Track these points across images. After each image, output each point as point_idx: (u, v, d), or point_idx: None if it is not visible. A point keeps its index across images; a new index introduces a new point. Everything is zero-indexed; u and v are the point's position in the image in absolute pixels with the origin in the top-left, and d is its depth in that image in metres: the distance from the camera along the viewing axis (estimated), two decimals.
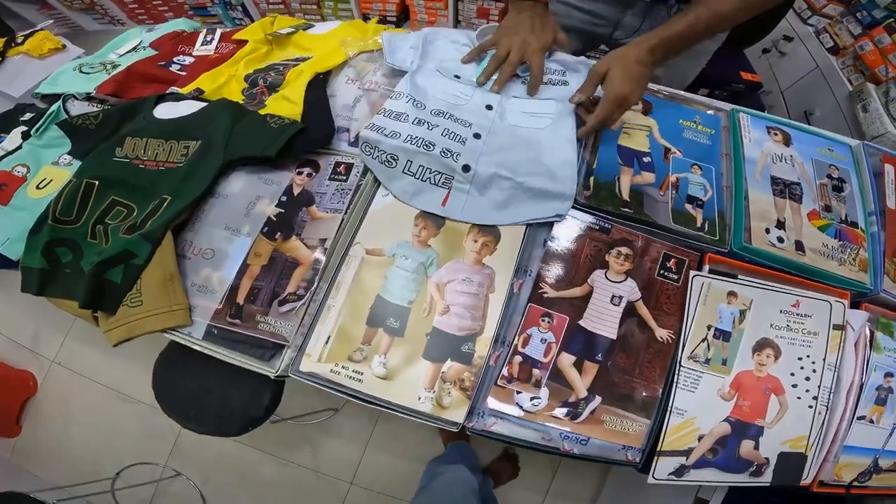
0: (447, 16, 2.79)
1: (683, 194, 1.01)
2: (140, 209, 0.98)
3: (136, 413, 2.14)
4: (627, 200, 0.99)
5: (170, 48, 1.35)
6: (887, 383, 0.91)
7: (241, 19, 3.20)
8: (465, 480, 1.27)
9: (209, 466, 2.10)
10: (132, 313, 0.89)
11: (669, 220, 0.97)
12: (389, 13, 2.89)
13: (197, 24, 1.48)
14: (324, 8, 3.01)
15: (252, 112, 1.08)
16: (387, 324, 0.89)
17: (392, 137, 1.00)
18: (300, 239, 0.96)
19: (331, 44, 1.25)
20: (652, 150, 1.07)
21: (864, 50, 1.81)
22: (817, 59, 2.03)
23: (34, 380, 2.24)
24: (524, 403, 0.86)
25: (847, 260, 0.96)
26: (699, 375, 0.88)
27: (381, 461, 2.05)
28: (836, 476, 0.89)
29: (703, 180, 1.04)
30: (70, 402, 2.22)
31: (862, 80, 1.75)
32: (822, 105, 1.90)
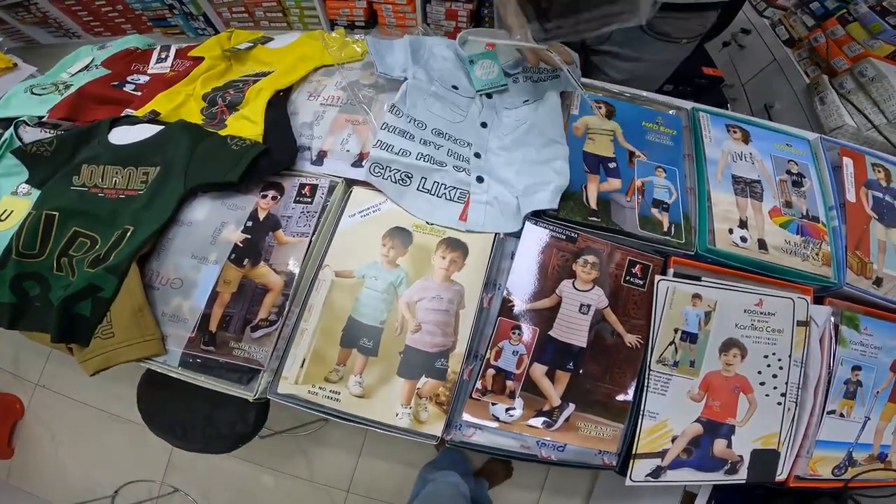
0: (416, 19, 2.77)
1: (649, 199, 1.02)
2: (103, 240, 0.96)
3: (126, 431, 2.14)
4: (595, 209, 0.99)
5: (122, 67, 1.31)
6: (855, 377, 0.94)
7: (203, 30, 3.13)
8: (454, 486, 1.29)
9: (205, 481, 2.11)
10: (106, 345, 0.88)
11: (637, 226, 0.98)
12: (357, 18, 2.86)
13: (150, 40, 1.44)
14: (290, 16, 2.97)
15: (212, 134, 1.06)
16: (360, 344, 0.90)
17: (403, 156, 1.00)
18: (268, 265, 0.95)
19: (291, 57, 1.23)
20: (617, 155, 1.07)
21: (819, 42, 1.82)
22: (774, 52, 2.05)
23: (20, 402, 2.25)
24: (500, 414, 0.88)
25: (810, 255, 0.98)
26: (668, 378, 0.90)
27: (375, 467, 2.08)
28: (811, 470, 0.91)
29: (668, 183, 1.04)
30: (59, 424, 2.23)
31: (818, 72, 1.77)
32: (781, 98, 1.92)
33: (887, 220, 1.05)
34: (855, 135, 1.46)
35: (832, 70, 1.72)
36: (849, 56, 1.66)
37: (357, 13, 2.83)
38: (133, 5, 2.97)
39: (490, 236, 0.96)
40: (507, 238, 0.98)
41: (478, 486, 1.75)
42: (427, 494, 1.26)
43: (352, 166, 1.04)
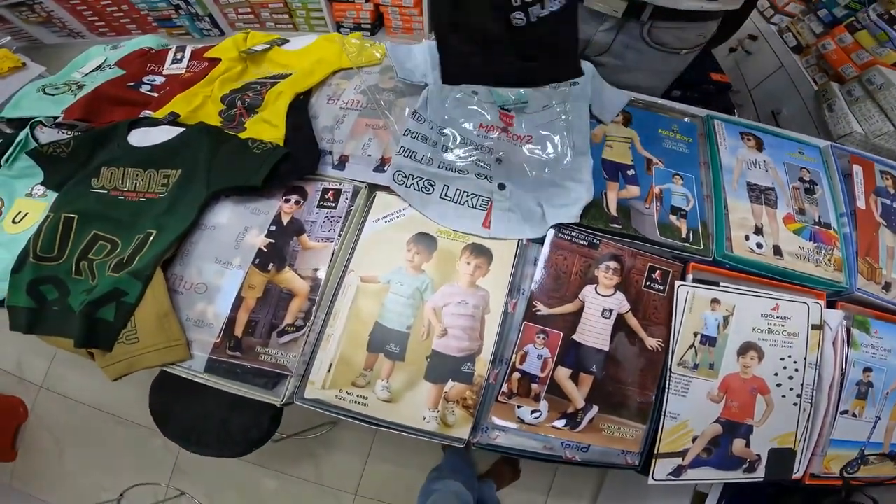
0: (422, 22, 2.77)
1: (667, 205, 1.04)
2: (124, 244, 0.97)
3: (130, 434, 2.12)
4: (616, 216, 1.01)
5: (137, 67, 1.30)
6: (866, 378, 0.97)
7: (209, 30, 3.10)
8: (456, 495, 1.30)
9: (211, 485, 2.10)
10: (130, 350, 0.89)
11: (656, 233, 1.00)
12: (364, 21, 2.85)
13: (164, 40, 1.43)
14: (296, 17, 2.96)
15: (233, 137, 1.06)
16: (387, 349, 0.91)
17: (427, 164, 1.02)
18: (294, 269, 0.96)
19: (309, 60, 1.23)
20: (635, 163, 1.09)
21: (827, 49, 1.84)
22: (782, 59, 2.08)
23: (24, 405, 2.22)
24: (525, 417, 0.90)
25: (822, 261, 1.01)
26: (689, 380, 0.92)
27: (383, 471, 2.08)
28: (825, 468, 0.94)
29: (685, 190, 1.06)
30: (63, 426, 2.20)
31: (826, 80, 1.80)
32: (788, 104, 1.94)
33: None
34: (863, 142, 1.49)
35: (840, 77, 1.74)
36: (857, 64, 1.69)
37: (364, 16, 2.83)
38: (139, 5, 2.95)
39: (514, 242, 0.98)
40: (531, 244, 1.00)
41: (486, 487, 1.77)
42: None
43: (374, 171, 1.04)
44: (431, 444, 1.96)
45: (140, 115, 1.14)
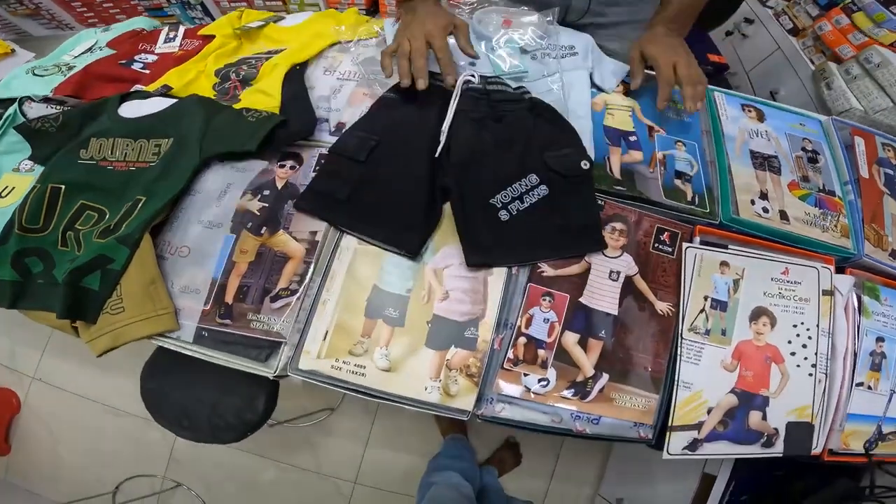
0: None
1: (671, 170, 1.03)
2: (112, 212, 0.93)
3: (125, 425, 2.08)
4: (619, 179, 1.00)
5: (129, 47, 1.28)
6: (879, 348, 0.94)
7: (201, 19, 3.06)
8: (455, 488, 1.26)
9: (208, 475, 2.06)
10: (115, 321, 0.83)
11: (661, 195, 0.99)
12: (359, 5, 2.84)
13: (156, 22, 1.41)
14: (289, 4, 2.93)
15: (227, 107, 1.04)
16: (386, 314, 0.87)
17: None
18: (288, 232, 0.93)
19: (304, 35, 1.22)
20: (637, 130, 1.08)
21: (824, 31, 1.88)
22: (779, 41, 2.11)
23: (17, 397, 2.17)
24: (532, 386, 0.86)
25: (829, 227, 1.00)
26: (701, 347, 0.89)
27: (382, 457, 2.04)
28: (843, 444, 0.90)
29: (688, 156, 1.06)
30: (57, 418, 2.15)
31: (823, 60, 1.83)
32: (786, 84, 1.97)
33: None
34: (862, 118, 1.51)
35: (837, 57, 1.77)
36: (854, 44, 1.72)
37: (358, 1, 2.82)
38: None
39: None
40: None
41: (488, 474, 1.72)
42: (429, 501, 1.23)
43: None
44: (430, 431, 1.98)
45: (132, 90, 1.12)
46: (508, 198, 0.92)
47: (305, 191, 0.95)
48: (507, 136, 0.99)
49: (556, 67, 1.10)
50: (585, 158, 0.95)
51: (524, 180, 0.93)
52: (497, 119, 1.00)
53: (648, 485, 1.50)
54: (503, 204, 0.92)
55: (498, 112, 1.00)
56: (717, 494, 1.12)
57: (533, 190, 0.93)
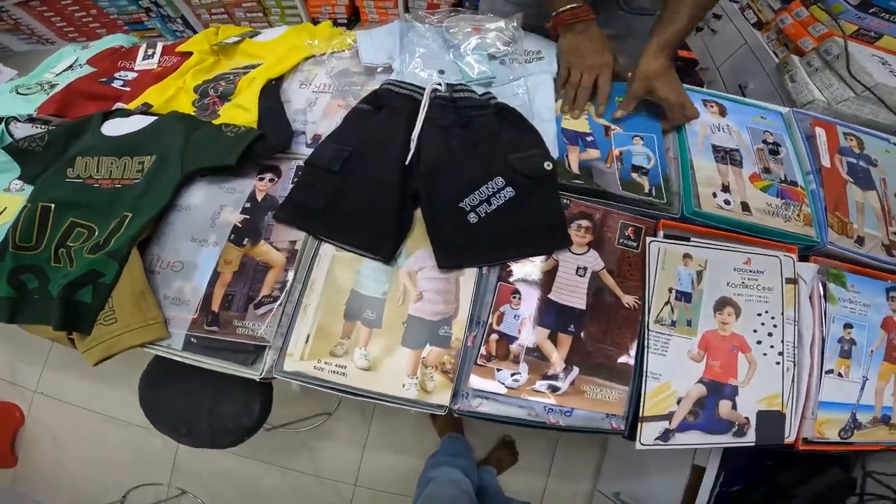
0: (398, 13, 2.79)
1: (628, 165, 1.06)
2: (101, 229, 0.97)
3: (129, 435, 2.12)
4: (578, 174, 1.03)
5: (109, 65, 1.32)
6: (847, 335, 0.97)
7: (182, 31, 3.09)
8: (455, 484, 1.28)
9: (212, 482, 2.10)
10: (108, 331, 0.88)
11: (619, 188, 1.02)
12: (339, 15, 2.88)
13: (134, 38, 1.45)
14: (270, 15, 2.97)
15: (206, 122, 1.07)
16: (364, 316, 0.91)
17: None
18: (269, 243, 0.97)
19: (280, 49, 1.25)
20: (593, 130, 1.11)
21: (785, 24, 1.89)
22: (745, 35, 2.12)
23: (20, 411, 2.22)
24: (505, 380, 0.89)
25: (792, 216, 1.02)
26: (668, 338, 0.92)
27: (381, 460, 2.08)
28: (818, 433, 0.92)
29: (646, 150, 1.09)
30: (61, 430, 2.20)
31: (786, 53, 1.83)
32: (754, 78, 1.99)
33: (863, 183, 1.10)
34: (826, 109, 1.52)
35: (799, 50, 1.78)
36: (814, 36, 1.73)
37: (339, 10, 2.86)
38: (107, 9, 2.93)
39: None
40: None
41: (486, 473, 1.75)
42: (428, 496, 1.25)
43: None
44: (427, 431, 2.03)
45: (113, 108, 1.15)
46: (476, 200, 0.96)
47: (284, 202, 0.99)
48: (473, 141, 1.02)
49: (521, 72, 1.13)
50: (548, 159, 0.98)
51: (491, 183, 0.96)
52: (464, 125, 1.03)
53: (643, 478, 1.54)
54: (472, 207, 0.95)
55: (464, 119, 1.04)
56: (708, 485, 1.15)
57: (500, 192, 0.96)
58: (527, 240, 0.96)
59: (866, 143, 1.17)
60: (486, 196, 0.96)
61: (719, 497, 1.16)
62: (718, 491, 1.15)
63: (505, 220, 0.96)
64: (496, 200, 0.96)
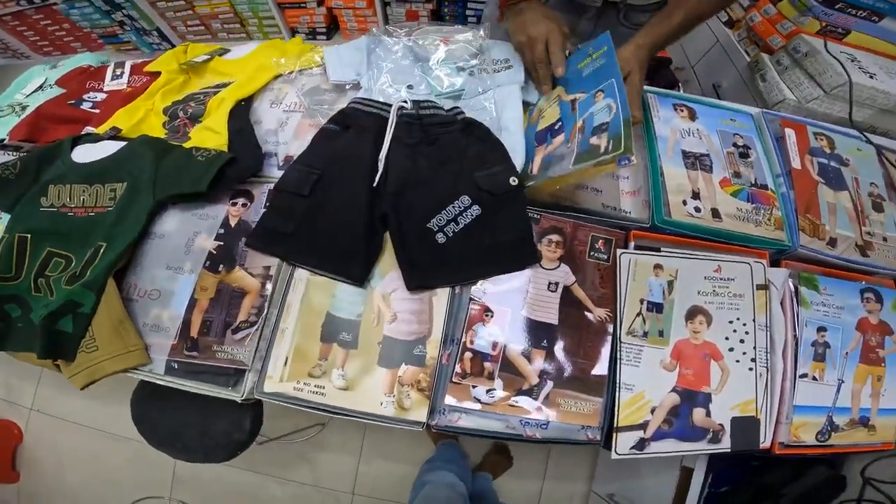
0: (377, 21, 2.78)
1: (589, 129, 0.93)
2: (77, 258, 0.98)
3: (127, 449, 2.15)
4: (535, 174, 1.00)
5: (77, 85, 1.31)
6: (821, 338, 0.98)
7: (158, 44, 3.08)
8: (450, 486, 1.30)
9: (212, 494, 2.13)
10: (90, 358, 0.90)
11: (568, 165, 0.92)
12: (318, 25, 2.87)
13: (104, 57, 1.43)
14: (248, 26, 2.96)
15: (176, 146, 1.07)
16: (340, 338, 0.93)
17: None
18: (244, 268, 0.97)
19: (250, 67, 1.24)
20: (562, 114, 1.03)
21: (755, 21, 1.88)
22: (717, 34, 2.11)
23: (18, 428, 2.25)
24: (481, 396, 0.90)
25: (762, 221, 1.03)
26: (640, 349, 0.93)
27: (377, 468, 2.11)
28: (794, 437, 0.94)
29: (607, 100, 0.94)
30: (60, 446, 2.23)
31: (757, 51, 1.82)
32: (727, 77, 1.98)
33: (835, 184, 1.11)
34: (797, 108, 1.52)
35: (769, 48, 1.77)
36: (782, 34, 1.72)
37: (317, 20, 2.84)
38: (80, 23, 2.91)
39: None
40: None
41: (482, 480, 1.78)
42: (423, 498, 1.27)
43: None
44: (421, 438, 2.05)
45: (82, 132, 1.15)
46: (444, 220, 0.96)
47: (255, 228, 0.99)
48: (440, 158, 1.02)
49: (490, 83, 1.13)
50: (514, 175, 0.98)
51: (457, 202, 0.97)
52: (431, 143, 1.03)
53: (636, 479, 1.56)
54: (439, 227, 0.96)
55: (431, 136, 1.03)
56: (697, 486, 1.16)
57: (466, 211, 0.96)
58: (494, 258, 0.97)
59: (837, 143, 1.17)
60: (454, 215, 0.96)
61: (709, 498, 1.18)
62: (707, 492, 1.17)
63: (473, 240, 0.96)
64: (463, 219, 0.96)
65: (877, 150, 1.20)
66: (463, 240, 0.96)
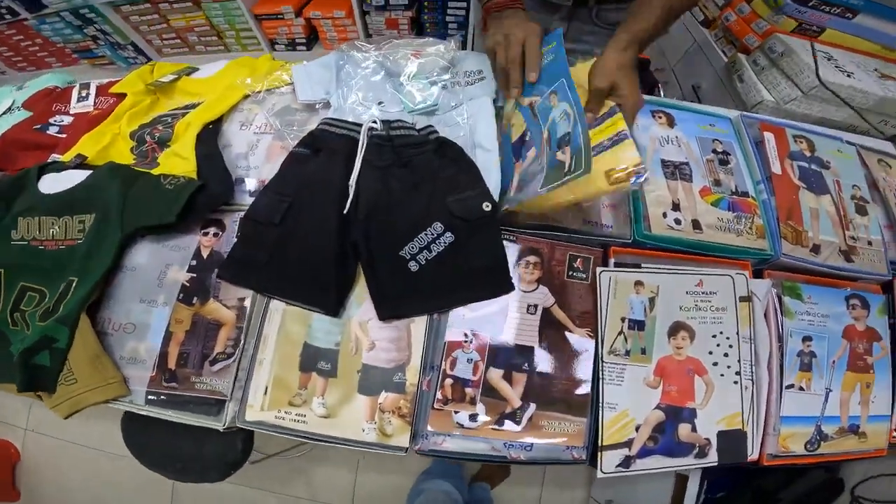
0: (356, 31, 2.74)
1: (554, 143, 0.87)
2: (51, 292, 0.96)
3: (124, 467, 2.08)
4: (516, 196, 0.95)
5: (44, 108, 1.27)
6: (807, 347, 0.97)
7: (134, 58, 3.03)
8: (446, 494, 1.30)
9: None
10: (70, 391, 0.89)
11: (537, 188, 0.86)
12: (297, 36, 2.82)
13: (70, 77, 1.39)
14: (225, 39, 2.91)
15: (144, 174, 1.04)
16: (319, 367, 0.92)
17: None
18: (218, 300, 0.96)
19: (220, 86, 1.20)
20: (526, 121, 0.99)
21: (730, 20, 1.85)
22: (694, 34, 2.08)
23: (14, 447, 2.26)
24: (464, 422, 0.90)
25: (744, 230, 1.02)
26: (623, 368, 0.92)
27: (374, 481, 2.11)
28: (782, 448, 0.93)
29: (563, 104, 0.87)
30: (58, 465, 2.24)
31: (734, 51, 1.80)
32: (706, 78, 1.94)
33: (816, 188, 1.09)
34: (775, 109, 1.50)
35: (746, 48, 1.75)
36: (758, 33, 1.70)
37: (296, 31, 2.79)
38: (52, 38, 2.86)
39: None
40: None
41: (480, 490, 1.79)
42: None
43: None
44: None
45: (49, 160, 1.11)
46: (416, 248, 0.94)
47: (226, 260, 0.97)
48: (413, 181, 0.99)
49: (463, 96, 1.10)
50: (487, 200, 0.95)
51: (429, 229, 0.94)
52: (403, 165, 1.00)
53: (633, 485, 1.55)
54: (412, 255, 0.94)
55: (403, 158, 1.00)
56: (693, 493, 1.16)
57: (439, 238, 0.94)
58: (467, 285, 0.95)
59: (817, 145, 1.16)
60: (426, 243, 0.94)
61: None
62: (704, 498, 1.18)
63: (446, 268, 0.94)
64: (436, 247, 0.94)
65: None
66: (436, 267, 0.94)
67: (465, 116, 1.08)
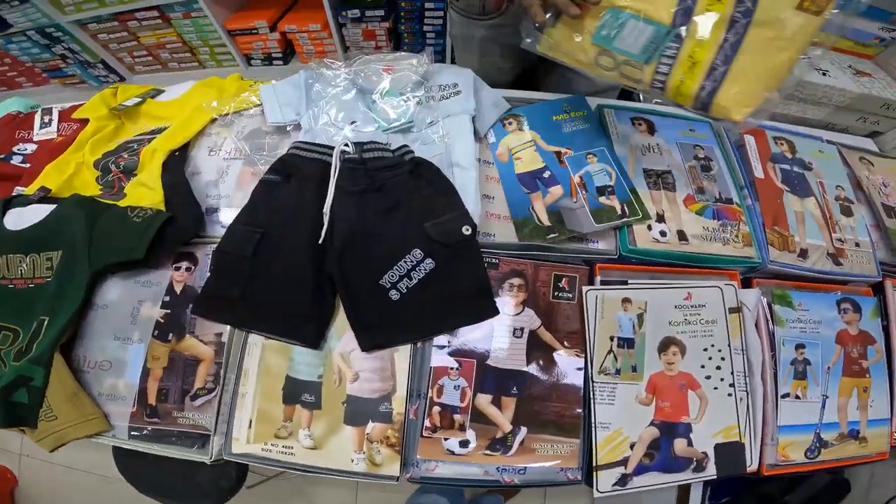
0: (333, 44, 2.66)
1: (592, 189, 1.01)
2: (24, 332, 0.93)
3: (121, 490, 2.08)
4: (550, 225, 0.98)
5: (7, 135, 1.22)
6: (801, 355, 0.96)
7: (105, 77, 2.93)
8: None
9: None
10: (52, 426, 0.88)
11: (592, 223, 0.96)
12: (273, 50, 2.73)
13: (32, 102, 1.33)
14: (199, 55, 2.82)
15: (110, 207, 0.99)
16: (302, 399, 0.89)
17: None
18: (195, 336, 0.93)
19: (187, 108, 1.15)
20: (546, 162, 1.05)
21: None
22: None
23: (11, 472, 2.26)
24: (455, 448, 0.88)
25: (730, 238, 1.00)
26: (613, 387, 0.90)
27: (376, 497, 2.10)
28: (782, 457, 0.93)
29: (603, 165, 1.03)
30: (55, 489, 2.24)
31: None
32: None
33: (799, 190, 1.08)
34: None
35: None
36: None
37: (272, 45, 2.71)
38: (21, 57, 2.79)
39: None
40: None
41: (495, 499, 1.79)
42: None
43: None
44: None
45: (13, 193, 1.07)
46: (396, 277, 0.91)
47: (199, 295, 0.94)
48: (388, 205, 0.96)
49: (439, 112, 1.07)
50: (466, 223, 0.93)
51: (409, 256, 0.92)
52: (377, 189, 0.97)
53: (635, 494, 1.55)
54: (392, 284, 0.91)
55: (377, 182, 0.97)
56: (697, 498, 1.16)
57: (419, 265, 0.92)
58: (450, 312, 0.93)
59: (798, 146, 1.14)
60: (406, 270, 0.92)
61: None
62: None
63: (428, 295, 0.92)
64: (416, 274, 0.92)
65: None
66: (418, 295, 0.92)
67: (441, 133, 1.05)
